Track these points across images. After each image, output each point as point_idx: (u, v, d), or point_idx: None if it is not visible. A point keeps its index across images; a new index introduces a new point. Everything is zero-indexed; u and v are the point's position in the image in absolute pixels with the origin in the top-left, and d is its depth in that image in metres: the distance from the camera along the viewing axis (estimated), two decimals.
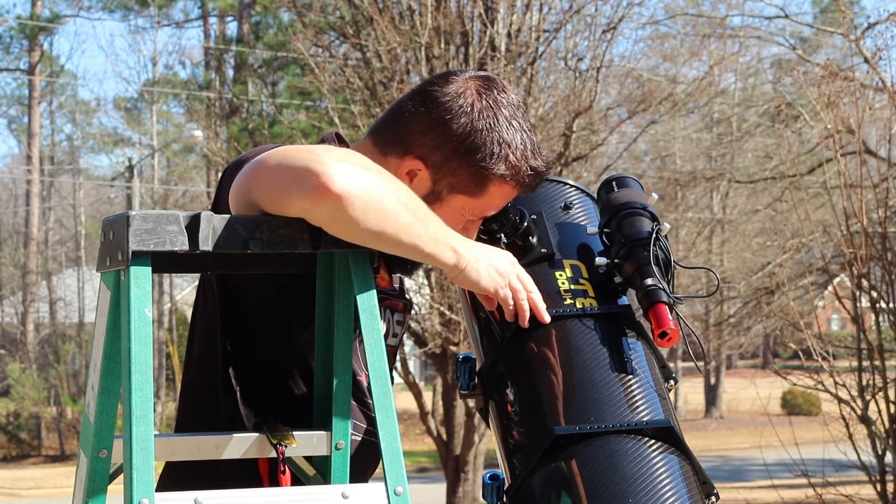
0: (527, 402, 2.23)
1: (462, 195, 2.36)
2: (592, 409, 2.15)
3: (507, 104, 2.38)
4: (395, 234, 2.12)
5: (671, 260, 2.26)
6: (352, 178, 2.07)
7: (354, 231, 2.09)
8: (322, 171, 2.05)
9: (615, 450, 2.10)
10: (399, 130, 2.38)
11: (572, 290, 2.29)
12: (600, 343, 2.23)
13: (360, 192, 2.07)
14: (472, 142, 2.34)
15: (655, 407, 2.18)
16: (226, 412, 2.34)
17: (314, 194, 2.05)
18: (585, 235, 2.38)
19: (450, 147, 2.35)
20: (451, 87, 2.37)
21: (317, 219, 2.09)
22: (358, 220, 2.08)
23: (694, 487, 2.13)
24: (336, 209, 2.06)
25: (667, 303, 2.20)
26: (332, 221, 2.09)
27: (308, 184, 2.05)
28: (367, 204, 2.08)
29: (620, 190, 2.37)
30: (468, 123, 2.34)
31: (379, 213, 2.09)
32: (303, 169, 2.07)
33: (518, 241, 2.35)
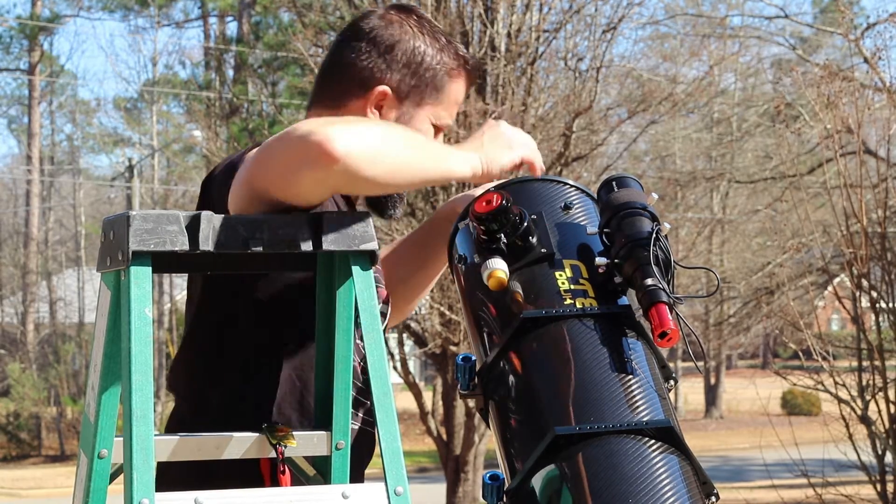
0: (527, 402, 2.24)
1: (428, 105, 2.58)
2: (592, 409, 2.15)
3: (422, 15, 2.64)
4: (409, 172, 2.28)
5: (671, 260, 2.26)
6: (350, 137, 2.17)
7: (371, 184, 2.22)
8: (321, 140, 2.14)
9: (615, 450, 2.10)
10: (348, 76, 2.56)
11: (572, 290, 2.29)
12: (600, 343, 2.23)
13: (362, 146, 2.18)
14: (420, 53, 2.57)
15: (655, 407, 2.18)
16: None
17: (322, 163, 2.14)
18: (585, 235, 2.38)
19: (402, 66, 2.56)
20: (374, 20, 2.59)
21: (333, 184, 2.21)
22: (371, 172, 2.19)
23: (694, 487, 2.13)
24: (347, 170, 2.15)
25: (667, 303, 2.20)
26: (348, 182, 2.20)
27: (312, 156, 2.14)
28: (374, 155, 2.20)
29: (620, 190, 2.37)
30: (409, 40, 2.57)
31: (387, 159, 2.22)
32: (303, 145, 2.16)
33: (518, 241, 2.35)
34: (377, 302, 2.11)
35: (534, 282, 2.32)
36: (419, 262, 2.81)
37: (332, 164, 2.14)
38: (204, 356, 2.43)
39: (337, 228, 2.08)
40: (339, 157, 2.14)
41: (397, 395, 20.37)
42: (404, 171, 2.27)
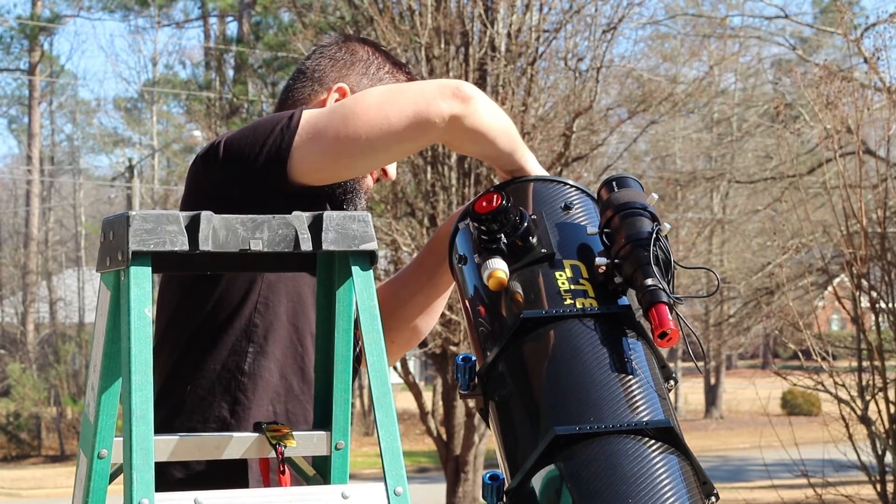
0: (527, 402, 2.24)
1: None
2: (592, 409, 2.15)
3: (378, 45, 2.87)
4: (506, 132, 2.48)
5: (671, 260, 2.26)
6: (471, 85, 2.45)
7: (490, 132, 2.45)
8: (451, 85, 2.42)
9: (615, 450, 2.10)
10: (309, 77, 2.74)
11: (572, 291, 2.29)
12: (600, 343, 2.23)
13: (483, 95, 2.45)
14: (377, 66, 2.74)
15: (655, 407, 2.18)
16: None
17: (461, 100, 2.39)
18: (585, 235, 2.38)
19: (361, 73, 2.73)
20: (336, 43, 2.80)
21: (468, 123, 2.41)
22: (492, 117, 2.45)
23: (694, 487, 2.13)
24: (476, 110, 2.41)
25: (667, 303, 2.20)
26: (478, 122, 2.42)
27: (448, 95, 2.40)
28: (491, 106, 2.47)
29: (621, 190, 2.37)
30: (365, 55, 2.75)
31: (500, 115, 2.49)
32: (438, 89, 2.42)
33: (518, 242, 2.35)
34: (377, 302, 2.11)
35: (534, 282, 2.32)
36: (421, 280, 2.83)
37: (470, 100, 2.39)
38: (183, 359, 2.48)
39: (337, 228, 2.08)
40: (471, 94, 2.40)
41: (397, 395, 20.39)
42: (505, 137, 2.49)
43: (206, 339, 2.49)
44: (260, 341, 2.50)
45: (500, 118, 2.49)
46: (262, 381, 2.49)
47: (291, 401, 2.52)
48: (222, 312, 2.49)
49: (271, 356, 2.50)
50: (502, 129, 2.48)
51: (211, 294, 2.50)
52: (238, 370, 2.48)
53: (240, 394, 2.47)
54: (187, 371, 2.50)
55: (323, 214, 2.07)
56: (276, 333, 2.51)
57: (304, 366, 2.53)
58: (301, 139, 2.39)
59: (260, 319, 2.50)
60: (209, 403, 2.46)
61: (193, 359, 2.50)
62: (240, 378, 2.48)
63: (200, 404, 2.47)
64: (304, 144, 2.39)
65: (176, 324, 2.53)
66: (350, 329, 2.16)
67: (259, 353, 2.50)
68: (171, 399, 2.47)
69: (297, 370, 2.53)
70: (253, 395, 2.47)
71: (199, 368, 2.49)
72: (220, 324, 2.49)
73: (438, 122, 2.39)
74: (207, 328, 2.50)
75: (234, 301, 2.49)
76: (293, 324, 2.53)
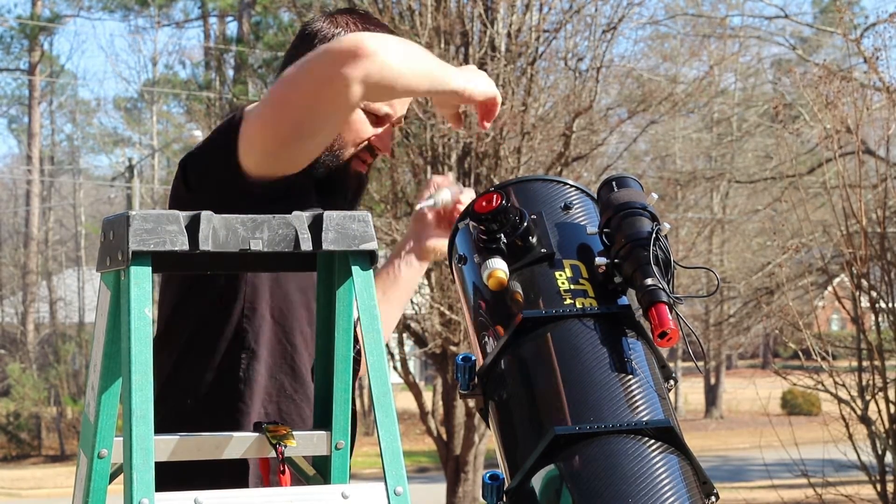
0: (526, 402, 2.24)
1: None
2: (592, 409, 2.15)
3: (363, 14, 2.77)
4: (425, 76, 2.44)
5: (671, 260, 2.26)
6: (377, 38, 2.39)
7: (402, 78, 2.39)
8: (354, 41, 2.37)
9: (615, 450, 2.11)
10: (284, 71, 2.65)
11: (572, 290, 2.29)
12: (600, 343, 2.23)
13: (391, 44, 2.39)
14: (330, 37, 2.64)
15: (655, 407, 2.18)
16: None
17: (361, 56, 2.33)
18: (585, 235, 2.38)
19: None
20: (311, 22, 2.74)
21: (377, 79, 2.36)
22: (402, 65, 2.38)
23: (694, 487, 2.13)
24: (384, 62, 2.35)
25: (667, 303, 2.20)
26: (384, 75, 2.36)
27: (349, 54, 2.34)
28: (399, 56, 2.39)
29: (620, 190, 2.37)
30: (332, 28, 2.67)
31: (408, 55, 2.42)
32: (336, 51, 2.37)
33: (518, 241, 2.35)
34: (377, 302, 2.11)
35: (534, 282, 2.32)
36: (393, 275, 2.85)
37: (371, 56, 2.32)
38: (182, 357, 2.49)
39: (337, 228, 2.08)
40: (373, 50, 2.32)
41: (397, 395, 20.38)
42: (422, 75, 2.43)
43: (200, 345, 2.50)
44: (252, 346, 2.50)
45: (409, 60, 2.43)
46: (256, 385, 2.50)
47: (284, 400, 2.52)
48: (213, 319, 2.50)
49: (261, 359, 2.51)
50: (416, 71, 2.43)
51: (202, 300, 2.51)
52: (235, 378, 2.49)
53: (239, 402, 2.48)
54: (185, 377, 2.51)
55: (323, 214, 2.07)
56: (264, 336, 2.51)
57: (295, 364, 2.54)
58: (243, 135, 2.47)
59: (248, 324, 2.50)
60: (208, 411, 2.47)
61: (189, 365, 2.51)
62: (237, 385, 2.49)
63: (199, 411, 2.47)
64: (245, 140, 2.47)
65: (174, 328, 2.54)
66: (350, 329, 2.16)
67: (252, 358, 2.50)
68: (168, 403, 2.48)
69: (287, 369, 2.53)
70: (250, 399, 2.48)
71: (196, 375, 2.49)
72: (213, 331, 2.50)
73: (347, 89, 2.36)
74: (201, 335, 2.50)
75: (223, 307, 2.50)
76: (280, 323, 2.53)
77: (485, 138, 11.82)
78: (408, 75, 2.40)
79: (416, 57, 2.46)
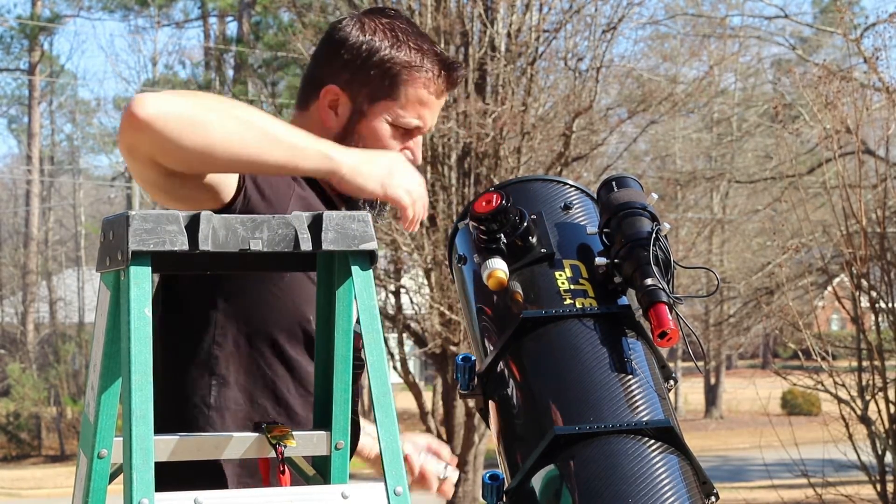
0: (526, 402, 2.24)
1: (382, 101, 2.52)
2: (592, 409, 2.15)
3: (394, 16, 2.57)
4: (228, 149, 2.14)
5: (671, 260, 2.26)
6: (164, 103, 2.11)
7: (181, 154, 2.12)
8: (132, 105, 2.10)
9: (615, 450, 2.11)
10: (308, 79, 2.56)
11: (572, 290, 2.29)
12: (600, 343, 2.23)
13: (174, 112, 2.10)
14: (372, 46, 2.51)
15: (655, 407, 2.18)
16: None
17: (128, 125, 2.10)
18: (585, 235, 2.38)
19: (354, 63, 2.51)
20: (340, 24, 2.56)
21: (143, 151, 2.13)
22: (178, 140, 2.10)
23: (694, 487, 2.13)
24: (154, 134, 2.10)
25: (667, 303, 2.20)
26: (157, 150, 2.12)
27: (124, 120, 2.11)
28: (185, 122, 2.11)
29: (620, 190, 2.37)
30: (361, 35, 2.52)
31: (198, 129, 2.12)
32: (124, 111, 2.12)
33: (518, 241, 2.35)
34: (377, 301, 2.11)
35: (533, 282, 2.32)
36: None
37: (137, 126, 2.10)
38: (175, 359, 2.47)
39: (337, 228, 2.08)
40: (144, 119, 2.09)
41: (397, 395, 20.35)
42: (226, 149, 2.14)
43: (171, 371, 2.46)
44: (222, 372, 2.46)
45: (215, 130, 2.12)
46: (230, 413, 2.45)
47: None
48: (184, 345, 2.47)
49: (234, 385, 2.46)
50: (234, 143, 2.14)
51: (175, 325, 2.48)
52: (204, 404, 2.45)
53: (208, 427, 2.45)
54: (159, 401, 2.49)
55: (323, 214, 2.07)
56: (238, 362, 2.46)
57: (276, 388, 2.48)
58: None
59: (219, 350, 2.46)
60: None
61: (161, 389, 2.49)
62: (207, 412, 2.45)
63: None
64: None
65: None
66: (350, 329, 2.16)
67: (223, 385, 2.46)
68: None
69: (268, 394, 2.48)
70: (222, 427, 2.44)
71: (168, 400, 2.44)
72: (183, 357, 2.47)
73: (129, 158, 2.18)
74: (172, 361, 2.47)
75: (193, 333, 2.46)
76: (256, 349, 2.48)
77: (485, 138, 11.82)
78: (203, 146, 2.12)
79: (229, 122, 2.15)
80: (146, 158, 2.16)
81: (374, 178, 2.30)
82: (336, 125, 2.54)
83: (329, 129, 2.52)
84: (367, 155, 2.34)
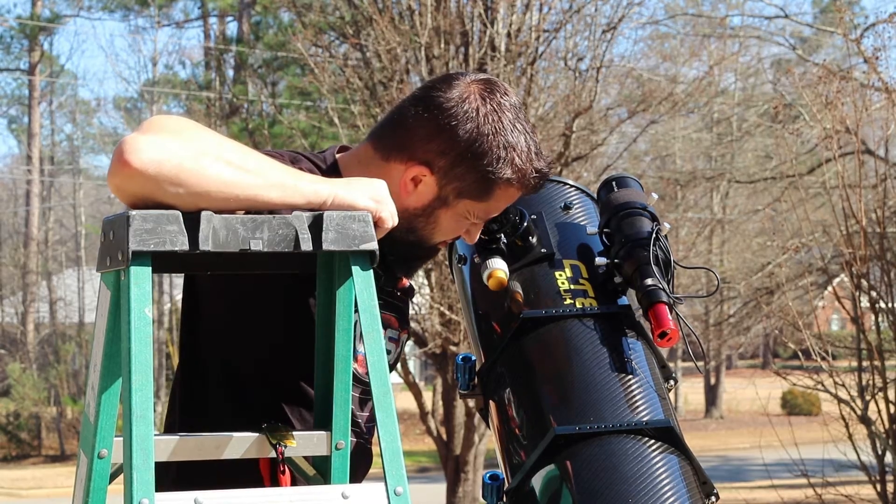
0: (527, 402, 2.24)
1: (468, 199, 2.36)
2: (592, 409, 2.15)
3: (509, 107, 2.37)
4: (224, 192, 2.05)
5: (671, 260, 2.26)
6: (157, 150, 2.03)
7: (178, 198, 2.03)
8: (125, 151, 2.02)
9: (615, 450, 2.11)
10: (402, 136, 2.38)
11: (572, 290, 2.29)
12: (600, 343, 2.23)
13: (167, 159, 2.02)
14: (479, 147, 2.33)
15: (655, 407, 2.18)
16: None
17: (119, 170, 2.03)
18: (585, 235, 2.38)
19: (456, 153, 2.34)
20: (455, 92, 2.36)
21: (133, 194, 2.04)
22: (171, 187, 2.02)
23: (694, 487, 2.13)
24: (146, 181, 2.02)
25: (667, 303, 2.20)
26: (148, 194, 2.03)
27: (115, 160, 2.04)
28: (179, 170, 2.02)
29: (620, 190, 2.37)
30: (474, 129, 2.34)
31: (192, 177, 2.03)
32: (116, 148, 2.05)
33: (518, 241, 2.36)
34: (377, 302, 2.11)
35: (534, 282, 2.32)
36: None
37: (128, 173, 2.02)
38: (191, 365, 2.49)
39: (337, 228, 2.08)
40: (137, 168, 2.01)
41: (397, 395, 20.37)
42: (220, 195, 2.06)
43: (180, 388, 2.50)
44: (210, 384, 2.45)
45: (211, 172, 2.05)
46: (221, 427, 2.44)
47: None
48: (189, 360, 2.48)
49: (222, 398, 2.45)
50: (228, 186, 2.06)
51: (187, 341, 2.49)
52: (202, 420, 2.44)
53: None
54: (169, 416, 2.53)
55: (323, 214, 2.07)
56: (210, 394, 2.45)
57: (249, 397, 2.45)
58: None
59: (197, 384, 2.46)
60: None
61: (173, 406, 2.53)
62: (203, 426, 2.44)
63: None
64: None
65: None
66: (350, 329, 2.16)
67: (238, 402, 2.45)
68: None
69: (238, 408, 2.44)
70: None
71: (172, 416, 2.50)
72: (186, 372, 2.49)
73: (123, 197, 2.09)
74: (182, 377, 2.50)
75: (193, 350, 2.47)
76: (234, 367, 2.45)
77: None
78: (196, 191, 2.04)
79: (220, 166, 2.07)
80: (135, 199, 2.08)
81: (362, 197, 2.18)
82: (414, 203, 2.39)
83: (403, 201, 2.37)
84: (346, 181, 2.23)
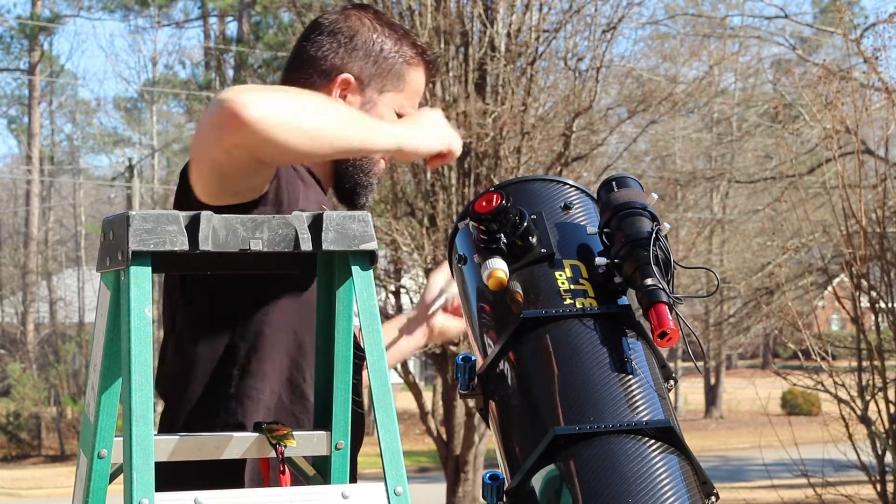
0: (526, 402, 2.24)
1: (390, 93, 2.66)
2: (592, 409, 2.15)
3: (381, 13, 2.76)
4: (327, 141, 2.28)
5: (671, 260, 2.26)
6: (265, 103, 2.18)
7: (286, 150, 2.22)
8: (234, 105, 2.16)
9: (615, 450, 2.11)
10: (313, 64, 2.65)
11: (572, 290, 2.29)
12: (600, 343, 2.23)
13: (276, 111, 2.19)
14: (379, 43, 2.67)
15: (655, 407, 2.18)
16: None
17: (233, 127, 2.16)
18: (585, 235, 2.38)
19: (363, 56, 2.65)
20: (334, 16, 2.70)
21: (248, 151, 2.21)
22: (284, 138, 2.20)
23: (694, 487, 2.13)
24: (259, 135, 2.17)
25: (667, 303, 2.20)
26: (262, 147, 2.20)
27: (224, 121, 2.17)
28: (288, 121, 2.21)
29: (620, 190, 2.37)
30: (368, 31, 2.67)
31: (303, 125, 2.24)
32: (218, 110, 2.19)
33: (518, 241, 2.35)
34: (377, 301, 2.11)
35: (534, 282, 2.32)
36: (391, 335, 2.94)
37: (243, 128, 2.16)
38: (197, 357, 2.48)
39: (337, 228, 2.08)
40: (250, 121, 2.16)
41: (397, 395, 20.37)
42: (322, 139, 2.28)
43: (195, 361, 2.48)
44: (242, 362, 2.48)
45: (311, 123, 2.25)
46: (251, 402, 2.46)
47: (283, 414, 2.49)
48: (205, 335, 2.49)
49: (258, 375, 2.48)
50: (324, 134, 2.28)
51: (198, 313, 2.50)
52: (225, 395, 2.47)
53: (229, 416, 2.46)
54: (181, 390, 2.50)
55: (323, 214, 2.07)
56: (261, 352, 2.48)
57: (294, 378, 2.51)
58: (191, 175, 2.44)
59: (241, 341, 2.48)
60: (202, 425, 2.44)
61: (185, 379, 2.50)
62: (227, 403, 2.47)
63: (193, 426, 2.45)
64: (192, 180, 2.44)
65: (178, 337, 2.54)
66: (350, 329, 2.16)
67: (245, 374, 2.47)
68: (166, 417, 2.52)
69: (287, 385, 2.50)
70: (243, 417, 2.45)
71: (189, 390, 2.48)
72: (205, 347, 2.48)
73: (226, 157, 2.24)
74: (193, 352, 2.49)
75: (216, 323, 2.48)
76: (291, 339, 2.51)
77: (485, 138, 11.82)
78: (303, 141, 2.24)
79: (320, 114, 2.29)
80: (246, 157, 2.24)
81: (430, 138, 2.48)
82: None
83: None
84: (411, 122, 2.54)
